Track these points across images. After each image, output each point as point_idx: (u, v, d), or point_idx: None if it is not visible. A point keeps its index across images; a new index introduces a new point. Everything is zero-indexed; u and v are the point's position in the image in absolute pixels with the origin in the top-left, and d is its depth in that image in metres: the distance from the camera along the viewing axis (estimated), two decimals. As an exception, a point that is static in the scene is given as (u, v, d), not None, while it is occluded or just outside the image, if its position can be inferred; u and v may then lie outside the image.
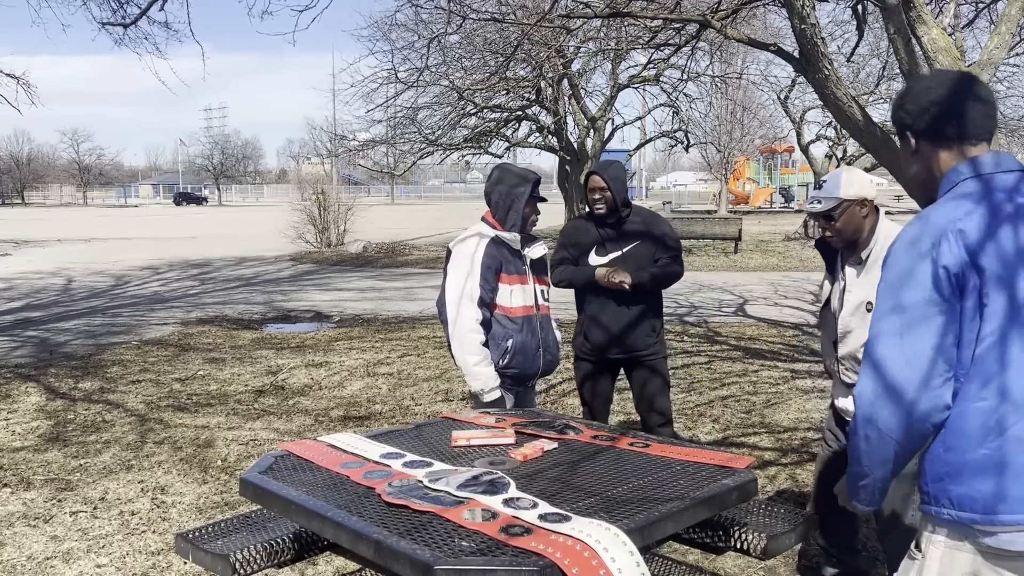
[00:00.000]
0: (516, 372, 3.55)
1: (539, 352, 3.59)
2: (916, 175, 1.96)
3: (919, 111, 1.90)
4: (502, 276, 3.50)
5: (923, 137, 1.91)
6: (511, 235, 3.55)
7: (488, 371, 3.45)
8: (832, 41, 13.17)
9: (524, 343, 3.53)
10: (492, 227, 3.57)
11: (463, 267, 3.47)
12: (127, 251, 22.14)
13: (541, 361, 3.61)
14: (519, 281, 3.56)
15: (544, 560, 1.73)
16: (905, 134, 1.95)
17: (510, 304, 3.52)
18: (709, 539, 2.42)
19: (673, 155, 43.36)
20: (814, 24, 4.94)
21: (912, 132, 1.93)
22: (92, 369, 7.71)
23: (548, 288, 3.78)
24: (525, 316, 3.55)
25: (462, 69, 17.55)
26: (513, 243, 3.56)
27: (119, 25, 7.91)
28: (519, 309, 3.54)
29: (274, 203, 57.16)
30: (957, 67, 4.94)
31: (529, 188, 3.55)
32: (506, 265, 3.51)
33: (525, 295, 3.56)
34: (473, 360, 3.43)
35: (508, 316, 3.52)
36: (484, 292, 3.44)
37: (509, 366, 3.51)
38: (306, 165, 60.66)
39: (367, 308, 11.82)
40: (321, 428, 5.81)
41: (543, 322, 3.64)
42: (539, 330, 3.60)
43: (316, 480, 2.28)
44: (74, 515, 4.31)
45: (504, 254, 3.53)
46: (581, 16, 7.00)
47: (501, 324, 3.52)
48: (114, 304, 12.37)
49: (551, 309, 3.77)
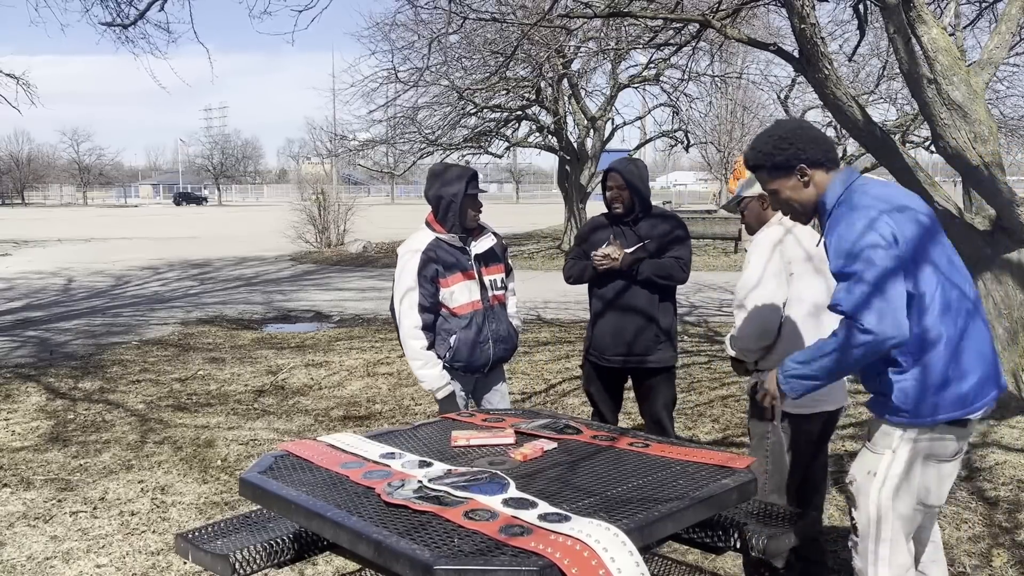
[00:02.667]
0: (462, 365, 3.69)
1: (487, 344, 3.70)
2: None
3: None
4: (440, 280, 3.63)
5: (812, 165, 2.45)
6: (449, 236, 3.66)
7: (432, 372, 3.61)
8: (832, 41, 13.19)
9: (468, 338, 3.66)
10: (433, 230, 3.68)
11: (403, 276, 3.63)
12: (127, 251, 22.15)
13: (491, 352, 3.72)
14: (463, 278, 3.66)
15: (544, 560, 1.73)
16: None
17: (452, 304, 3.66)
18: (709, 539, 2.42)
19: (673, 155, 43.43)
20: (814, 24, 4.95)
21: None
22: (92, 369, 7.71)
23: (503, 276, 3.84)
24: (471, 312, 3.67)
25: (462, 69, 17.54)
26: (453, 243, 3.67)
27: (119, 26, 7.91)
28: (463, 306, 3.66)
29: (274, 203, 57.16)
30: (957, 67, 4.94)
31: (463, 187, 3.61)
32: (445, 267, 3.63)
33: (471, 291, 3.68)
34: (417, 364, 3.63)
35: (453, 314, 3.66)
36: (423, 298, 3.60)
37: (455, 359, 3.66)
38: (306, 165, 60.69)
39: (367, 308, 11.82)
40: (321, 428, 5.81)
41: (493, 313, 3.75)
42: (487, 322, 3.71)
43: (316, 480, 2.28)
44: (74, 515, 4.31)
45: (445, 254, 3.64)
46: (581, 16, 7.00)
47: (447, 321, 3.67)
48: (114, 304, 12.37)
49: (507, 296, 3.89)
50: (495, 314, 3.75)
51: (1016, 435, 5.13)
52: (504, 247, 3.92)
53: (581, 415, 5.81)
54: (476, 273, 3.71)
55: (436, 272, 3.61)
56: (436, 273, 3.61)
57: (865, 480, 2.39)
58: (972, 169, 5.02)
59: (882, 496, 2.36)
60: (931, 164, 30.83)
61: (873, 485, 2.37)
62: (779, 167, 2.41)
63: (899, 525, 2.37)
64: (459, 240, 3.68)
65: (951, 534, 3.84)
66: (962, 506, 4.13)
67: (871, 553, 2.37)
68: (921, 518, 2.44)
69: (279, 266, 18.24)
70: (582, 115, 19.66)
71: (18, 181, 69.86)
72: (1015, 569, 3.50)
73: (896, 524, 2.36)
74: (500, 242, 3.86)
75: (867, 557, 2.39)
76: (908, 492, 2.36)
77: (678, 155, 48.71)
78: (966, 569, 3.51)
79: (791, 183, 2.42)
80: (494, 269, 3.80)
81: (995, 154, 5.03)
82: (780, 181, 2.44)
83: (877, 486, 2.36)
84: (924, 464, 2.36)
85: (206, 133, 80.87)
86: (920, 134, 16.84)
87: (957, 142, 4.96)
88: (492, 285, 3.77)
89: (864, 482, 2.39)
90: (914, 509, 2.39)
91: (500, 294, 3.81)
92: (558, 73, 17.37)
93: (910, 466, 2.35)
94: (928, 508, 2.44)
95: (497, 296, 3.79)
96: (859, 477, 2.42)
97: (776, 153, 2.40)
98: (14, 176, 69.29)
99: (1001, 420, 5.39)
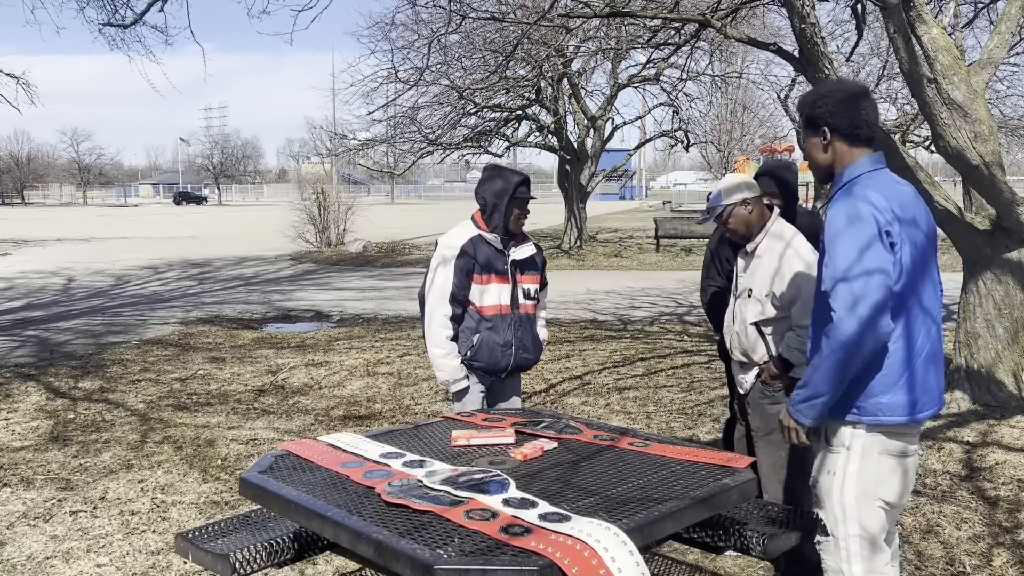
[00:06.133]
0: (482, 366, 3.70)
1: (509, 350, 3.70)
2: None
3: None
4: (475, 277, 3.65)
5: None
6: (492, 236, 3.67)
7: (453, 363, 3.64)
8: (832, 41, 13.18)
9: (491, 340, 3.67)
10: (477, 226, 3.70)
11: (439, 265, 3.65)
12: (127, 250, 22.14)
13: (512, 359, 3.72)
14: (496, 280, 3.67)
15: (544, 560, 1.73)
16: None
17: (480, 303, 3.67)
18: (709, 539, 2.42)
19: (673, 154, 43.44)
20: (814, 24, 4.95)
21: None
22: (92, 369, 7.71)
23: (537, 287, 3.84)
24: (497, 315, 3.68)
25: (462, 68, 17.54)
26: (494, 243, 3.68)
27: (118, 26, 7.91)
28: (490, 308, 3.67)
29: (274, 203, 57.18)
30: (957, 66, 4.94)
31: (512, 189, 3.63)
32: (483, 265, 3.64)
33: (501, 294, 3.68)
34: (439, 353, 3.65)
35: (480, 313, 3.68)
36: (456, 289, 3.62)
37: (475, 359, 3.68)
38: (306, 165, 60.61)
39: (367, 307, 11.82)
40: (321, 428, 5.81)
41: (520, 321, 3.74)
42: (513, 328, 3.70)
43: (316, 480, 2.28)
44: (74, 515, 4.31)
45: (484, 252, 3.65)
46: (580, 15, 7.00)
47: (472, 319, 3.68)
48: (114, 304, 12.37)
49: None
50: (522, 322, 3.74)
51: (1016, 435, 5.12)
52: (544, 261, 3.93)
53: (581, 415, 5.82)
54: (511, 278, 3.71)
55: (472, 267, 3.63)
56: (472, 268, 3.63)
57: (826, 480, 2.47)
58: (972, 169, 5.02)
59: (844, 492, 2.43)
60: (931, 164, 30.83)
61: (835, 483, 2.44)
62: (809, 122, 2.54)
63: (867, 520, 2.43)
64: (500, 242, 3.69)
65: (951, 534, 3.84)
66: (962, 506, 4.13)
67: (843, 550, 2.45)
68: (887, 517, 2.48)
69: (279, 266, 18.24)
70: (582, 115, 19.66)
71: (18, 181, 69.84)
72: (1015, 569, 3.50)
73: (864, 518, 2.43)
74: (541, 254, 3.88)
75: (839, 554, 2.45)
76: (867, 486, 2.43)
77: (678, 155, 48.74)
78: (966, 569, 3.51)
79: (814, 140, 2.53)
80: (529, 279, 3.78)
81: (995, 154, 5.03)
82: (808, 135, 2.56)
83: (839, 484, 2.44)
84: (879, 459, 2.43)
85: (206, 133, 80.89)
86: (920, 134, 16.85)
87: (957, 142, 4.96)
88: (525, 294, 3.76)
89: (825, 482, 2.47)
90: (876, 503, 2.44)
91: (531, 304, 3.79)
92: (558, 73, 17.37)
93: (865, 461, 2.42)
94: (890, 507, 2.47)
95: (527, 306, 3.77)
96: (821, 478, 2.49)
97: (810, 109, 2.53)
98: (14, 176, 69.28)
99: (1001, 420, 5.39)
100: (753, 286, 3.35)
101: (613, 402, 6.33)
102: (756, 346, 3.37)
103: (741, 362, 3.49)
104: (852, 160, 2.47)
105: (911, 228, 2.38)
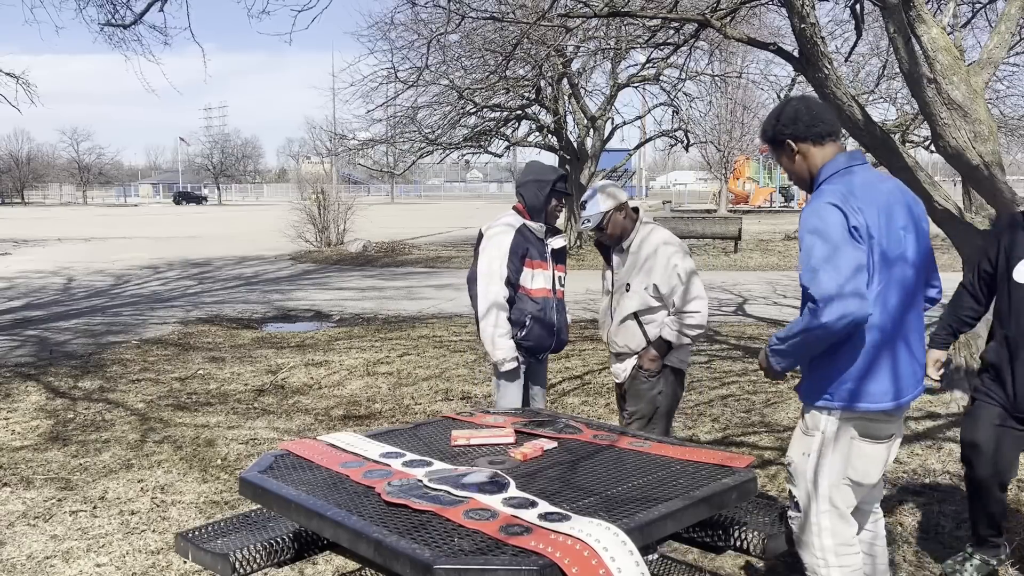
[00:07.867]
0: (531, 345, 3.99)
1: (554, 329, 4.03)
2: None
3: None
4: (527, 261, 3.94)
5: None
6: (537, 225, 4.00)
7: (509, 343, 3.92)
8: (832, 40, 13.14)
9: (541, 320, 3.97)
10: (521, 216, 4.01)
11: (494, 250, 3.92)
12: (127, 250, 22.14)
13: (555, 339, 4.06)
14: (541, 267, 3.99)
15: (544, 559, 1.73)
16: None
17: (531, 286, 3.96)
18: (709, 538, 2.42)
19: (673, 154, 43.41)
20: (814, 23, 4.94)
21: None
22: (92, 368, 7.71)
23: (565, 275, 4.17)
24: (544, 297, 3.99)
25: (462, 68, 17.52)
26: (538, 232, 4.00)
27: (118, 26, 7.90)
28: (539, 291, 3.98)
29: (274, 202, 57.15)
30: (957, 66, 4.94)
31: (550, 184, 3.96)
32: (531, 251, 3.95)
33: (545, 279, 4.00)
34: (498, 332, 3.90)
35: (529, 296, 3.97)
36: (511, 272, 3.90)
37: (526, 339, 3.96)
38: (306, 164, 60.58)
39: (367, 307, 11.82)
40: (321, 427, 5.80)
41: (558, 305, 4.07)
42: (554, 311, 4.03)
43: (316, 479, 2.28)
44: (74, 514, 4.31)
45: (529, 241, 3.96)
46: (580, 15, 7.00)
47: (522, 302, 3.96)
48: (114, 303, 12.37)
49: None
50: (561, 306, 4.08)
51: (1016, 434, 5.12)
52: (567, 252, 4.25)
53: (581, 415, 5.82)
54: (550, 265, 4.04)
55: (526, 251, 3.93)
56: (526, 252, 3.93)
57: (801, 460, 2.61)
58: (972, 169, 5.02)
59: (818, 473, 2.57)
60: (931, 164, 30.84)
61: (808, 464, 2.58)
62: (774, 144, 2.69)
63: (837, 497, 2.57)
64: (542, 232, 4.01)
65: (951, 534, 3.84)
66: (962, 506, 4.13)
67: (814, 525, 2.57)
68: (854, 494, 2.61)
69: (279, 265, 18.23)
70: (582, 114, 19.65)
71: (18, 180, 69.79)
72: (1015, 569, 3.50)
73: (834, 496, 2.56)
74: (567, 248, 4.12)
75: (811, 529, 2.57)
76: (839, 468, 2.56)
77: (678, 154, 48.74)
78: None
79: (785, 157, 2.67)
80: (561, 268, 4.13)
81: (995, 154, 5.03)
82: (779, 155, 2.70)
83: (812, 466, 2.57)
84: (851, 443, 2.56)
85: (206, 132, 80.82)
86: (920, 134, 16.83)
87: (957, 142, 4.96)
88: (559, 281, 4.10)
89: (800, 462, 2.61)
90: (844, 483, 2.58)
91: (562, 291, 4.14)
92: (558, 72, 17.36)
93: (838, 445, 2.55)
94: (857, 485, 2.60)
95: (561, 292, 4.12)
96: (796, 458, 2.63)
97: (771, 133, 2.67)
98: (14, 175, 69.23)
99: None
100: (631, 280, 3.67)
101: (613, 402, 6.33)
102: (635, 336, 3.68)
103: (619, 353, 3.80)
104: (825, 159, 2.59)
105: (885, 221, 2.48)
